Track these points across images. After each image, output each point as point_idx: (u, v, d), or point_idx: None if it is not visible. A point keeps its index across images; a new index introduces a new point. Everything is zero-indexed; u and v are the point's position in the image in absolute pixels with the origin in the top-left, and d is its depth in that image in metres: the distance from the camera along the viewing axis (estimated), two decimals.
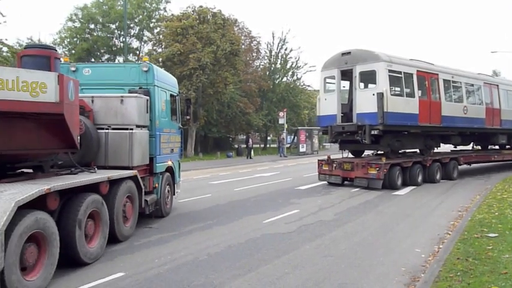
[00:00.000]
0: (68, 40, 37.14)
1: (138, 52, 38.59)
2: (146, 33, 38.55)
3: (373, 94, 15.17)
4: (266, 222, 10.01)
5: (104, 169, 8.52)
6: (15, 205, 5.13)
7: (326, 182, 16.96)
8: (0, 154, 6.29)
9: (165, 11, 37.94)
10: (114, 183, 8.04)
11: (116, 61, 38.01)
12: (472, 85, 19.75)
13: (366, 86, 16.33)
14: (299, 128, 40.70)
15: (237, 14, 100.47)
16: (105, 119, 8.98)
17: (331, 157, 17.12)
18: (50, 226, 5.89)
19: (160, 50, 34.33)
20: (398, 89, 16.33)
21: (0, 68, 6.13)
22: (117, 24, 36.09)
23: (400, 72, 15.90)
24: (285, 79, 44.72)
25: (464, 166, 20.38)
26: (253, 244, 8.08)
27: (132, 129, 8.93)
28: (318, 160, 17.62)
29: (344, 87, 17.07)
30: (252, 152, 34.87)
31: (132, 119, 8.96)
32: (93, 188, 7.28)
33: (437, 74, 17.55)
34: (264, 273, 6.40)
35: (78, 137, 7.46)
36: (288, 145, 41.56)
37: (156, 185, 10.17)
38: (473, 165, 21.42)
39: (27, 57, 7.17)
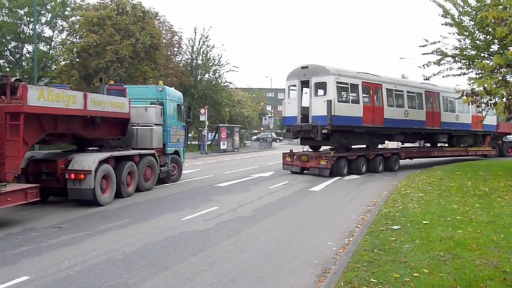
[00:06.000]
0: None
1: (50, 41, 36.04)
2: (60, 21, 36.14)
3: (324, 101, 18.42)
4: (184, 219, 9.92)
5: (135, 150, 14.00)
6: (98, 160, 11.37)
7: (289, 171, 20.32)
8: (97, 138, 12.81)
9: (82, 0, 35.87)
10: (142, 156, 13.89)
11: (25, 50, 35.33)
12: (414, 93, 22.89)
13: (323, 94, 19.18)
14: (220, 125, 40.71)
15: (158, 8, 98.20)
16: (136, 120, 14.47)
17: (293, 150, 20.75)
18: (111, 172, 12.03)
19: (75, 40, 32.41)
20: (345, 96, 19.69)
21: (113, 97, 13.22)
22: (26, 9, 33.35)
23: (346, 84, 19.32)
24: (207, 76, 44.41)
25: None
26: (171, 242, 7.98)
27: (152, 126, 14.69)
28: (282, 153, 21.36)
29: (306, 93, 19.96)
30: None
31: (152, 120, 14.78)
32: (130, 158, 13.31)
33: (381, 84, 20.96)
34: (181, 271, 6.35)
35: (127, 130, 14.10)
36: (209, 142, 41.41)
37: (167, 161, 15.88)
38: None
39: (113, 91, 14.12)
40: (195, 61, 43.62)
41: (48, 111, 10.22)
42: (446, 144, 26.55)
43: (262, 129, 77.34)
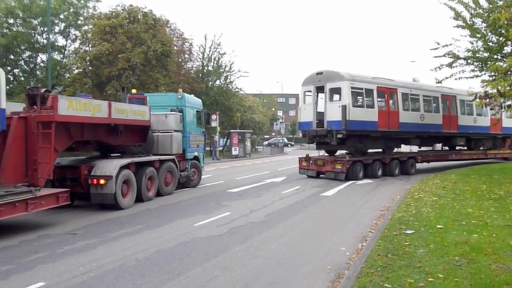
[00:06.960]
0: None
1: (63, 50, 36.57)
2: (73, 30, 36.67)
3: (339, 106, 18.56)
4: (197, 225, 9.95)
5: (155, 155, 14.43)
6: (119, 166, 11.88)
7: (305, 175, 20.70)
8: (119, 144, 13.21)
9: (94, 9, 36.35)
10: (162, 162, 14.29)
11: (39, 59, 35.94)
12: (430, 96, 22.98)
13: (338, 99, 19.33)
14: (232, 131, 40.79)
15: (169, 15, 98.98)
16: (157, 126, 15.00)
17: (309, 155, 20.95)
18: (132, 178, 12.53)
19: (88, 48, 32.84)
20: (360, 101, 19.84)
21: (135, 105, 13.85)
22: (39, 19, 33.92)
23: (361, 89, 19.51)
24: (218, 82, 44.58)
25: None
26: (184, 248, 8.00)
27: (172, 132, 15.13)
28: (299, 157, 21.69)
29: (321, 98, 20.23)
30: None
31: (171, 126, 15.24)
32: (151, 163, 13.75)
33: (396, 89, 21.05)
34: (194, 277, 6.36)
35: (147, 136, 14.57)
36: (221, 148, 41.49)
37: (187, 166, 16.29)
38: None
39: (134, 99, 14.84)
40: (206, 68, 43.82)
41: (77, 119, 10.97)
42: (465, 148, 26.40)
43: (273, 134, 77.35)
